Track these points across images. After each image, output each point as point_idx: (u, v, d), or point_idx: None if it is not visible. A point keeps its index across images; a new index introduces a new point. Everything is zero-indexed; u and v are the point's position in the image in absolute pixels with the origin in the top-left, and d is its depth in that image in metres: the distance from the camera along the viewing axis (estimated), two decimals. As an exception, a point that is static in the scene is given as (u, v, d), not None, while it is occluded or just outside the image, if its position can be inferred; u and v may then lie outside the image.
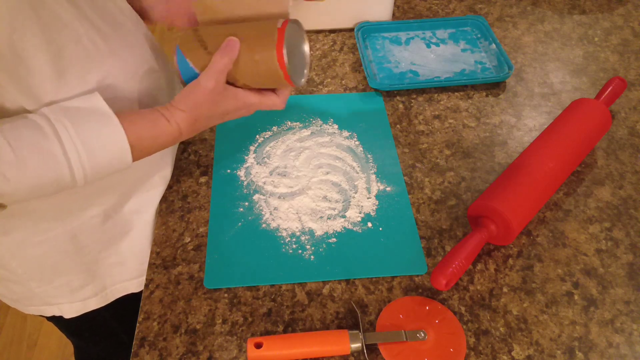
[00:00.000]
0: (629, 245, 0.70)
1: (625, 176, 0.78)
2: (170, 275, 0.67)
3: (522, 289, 0.65)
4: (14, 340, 1.57)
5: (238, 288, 0.65)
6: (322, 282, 0.66)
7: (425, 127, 0.84)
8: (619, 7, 1.08)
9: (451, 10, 1.07)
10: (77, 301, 0.75)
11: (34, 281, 0.71)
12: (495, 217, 0.65)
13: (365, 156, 0.79)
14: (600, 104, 0.78)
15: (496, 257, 0.68)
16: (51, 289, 0.73)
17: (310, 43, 0.99)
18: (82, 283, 0.73)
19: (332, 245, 0.69)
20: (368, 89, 0.90)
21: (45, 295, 0.74)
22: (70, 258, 0.70)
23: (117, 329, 0.88)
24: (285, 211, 0.72)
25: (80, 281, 0.73)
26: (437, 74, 0.93)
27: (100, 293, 0.76)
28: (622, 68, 0.95)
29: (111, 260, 0.74)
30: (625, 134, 0.83)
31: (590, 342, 0.61)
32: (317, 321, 0.62)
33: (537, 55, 0.97)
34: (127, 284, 0.78)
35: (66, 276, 0.72)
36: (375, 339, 0.59)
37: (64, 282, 0.72)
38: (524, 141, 0.82)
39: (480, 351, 0.60)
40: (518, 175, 0.69)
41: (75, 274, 0.72)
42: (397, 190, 0.75)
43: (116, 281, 0.76)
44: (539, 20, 1.05)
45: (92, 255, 0.72)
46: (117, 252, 0.74)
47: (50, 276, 0.71)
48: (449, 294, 0.65)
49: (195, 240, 0.70)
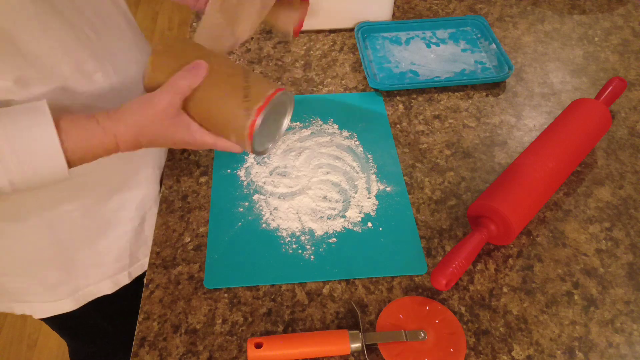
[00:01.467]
0: (629, 245, 0.70)
1: (625, 176, 0.78)
2: (170, 275, 0.67)
3: (522, 289, 0.65)
4: (14, 340, 1.57)
5: (238, 288, 0.65)
6: (322, 282, 0.66)
7: (425, 127, 0.84)
8: (619, 7, 1.08)
9: (451, 10, 1.07)
10: (49, 301, 0.74)
11: (7, 276, 0.69)
12: (495, 217, 0.65)
13: (365, 156, 0.79)
14: (600, 104, 0.78)
15: (496, 257, 0.68)
16: (24, 285, 0.71)
17: (310, 43, 0.99)
18: (56, 281, 0.72)
19: (332, 245, 0.69)
20: (368, 89, 0.90)
21: (16, 292, 0.72)
22: (46, 252, 0.68)
23: (109, 329, 0.87)
24: (285, 211, 0.72)
25: (55, 279, 0.71)
26: (437, 74, 0.93)
27: (74, 294, 0.75)
28: (622, 68, 0.95)
29: (88, 261, 0.73)
30: (625, 134, 0.83)
31: (590, 342, 0.61)
32: (317, 321, 0.62)
33: (537, 55, 0.97)
34: (101, 285, 0.76)
35: (41, 271, 0.70)
36: (375, 339, 0.59)
37: (38, 277, 0.70)
38: (524, 141, 0.82)
39: (480, 351, 0.60)
40: (518, 175, 0.69)
41: (50, 269, 0.70)
42: (397, 190, 0.75)
43: (90, 282, 0.75)
44: (539, 20, 1.05)
45: (69, 253, 0.70)
46: (95, 252, 0.72)
47: (23, 270, 0.69)
48: (449, 294, 0.65)
49: (195, 240, 0.70)
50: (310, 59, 0.96)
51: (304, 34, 1.01)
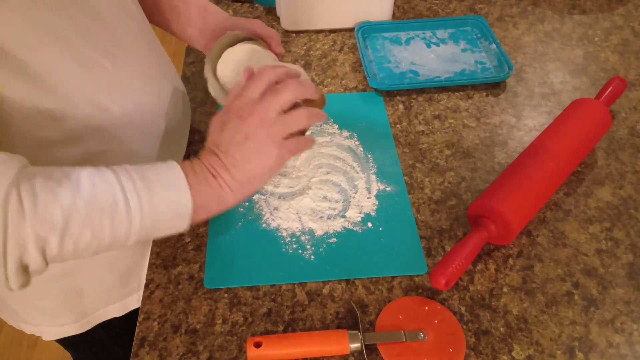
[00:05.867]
0: (629, 245, 0.70)
1: (626, 176, 0.77)
2: (170, 275, 0.67)
3: (522, 289, 0.65)
4: (14, 340, 1.57)
5: (238, 288, 0.65)
6: (322, 282, 0.66)
7: (425, 127, 0.84)
8: (619, 7, 1.08)
9: (451, 10, 1.07)
10: (55, 325, 0.74)
11: (14, 302, 0.70)
12: (495, 217, 0.65)
13: (365, 156, 0.79)
14: (600, 104, 0.78)
15: (496, 257, 0.68)
16: (30, 310, 0.71)
17: (310, 43, 0.99)
18: (62, 310, 0.72)
19: (332, 245, 0.69)
20: (368, 89, 0.90)
21: (24, 315, 0.72)
22: (53, 284, 0.68)
23: (116, 349, 0.87)
24: (285, 211, 0.72)
25: (60, 308, 0.71)
26: (437, 74, 0.93)
27: (81, 320, 0.75)
28: (622, 68, 0.95)
29: (95, 289, 0.72)
30: (625, 134, 0.83)
31: (591, 342, 0.61)
32: (317, 321, 0.62)
33: (537, 55, 0.97)
34: (109, 309, 0.76)
35: (46, 301, 0.70)
36: (375, 339, 0.59)
37: (44, 306, 0.70)
38: (524, 141, 0.82)
39: (480, 351, 0.60)
40: (518, 175, 0.69)
41: (55, 300, 0.70)
42: (397, 190, 0.75)
43: (98, 307, 0.75)
44: (539, 20, 1.05)
45: (75, 285, 0.70)
46: (101, 281, 0.72)
47: (30, 299, 0.69)
48: (449, 294, 0.65)
49: (195, 240, 0.70)
50: (310, 59, 0.96)
51: (304, 33, 1.01)
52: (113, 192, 0.46)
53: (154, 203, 0.49)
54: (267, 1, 1.03)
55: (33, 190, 0.42)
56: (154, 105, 0.67)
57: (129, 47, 0.62)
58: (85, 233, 0.45)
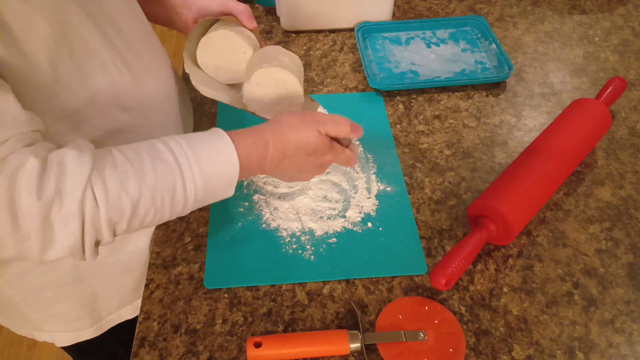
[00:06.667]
0: (629, 245, 0.70)
1: (625, 176, 0.77)
2: (170, 275, 0.67)
3: (522, 289, 0.65)
4: (14, 340, 1.57)
5: (238, 288, 0.65)
6: (322, 282, 0.66)
7: (425, 127, 0.84)
8: (619, 7, 1.08)
9: (451, 10, 1.07)
10: (70, 331, 0.74)
11: (30, 309, 0.70)
12: (495, 217, 0.65)
13: (365, 156, 0.79)
14: (600, 104, 0.78)
15: (496, 257, 0.68)
16: (46, 318, 0.72)
17: (310, 43, 0.99)
18: (78, 315, 0.72)
19: (332, 245, 0.69)
20: (368, 89, 0.90)
21: (39, 322, 0.73)
22: (70, 289, 0.69)
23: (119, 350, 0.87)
24: (285, 211, 0.72)
25: (77, 313, 0.72)
26: (437, 74, 0.93)
27: (96, 324, 0.75)
28: (622, 68, 0.95)
29: (109, 293, 0.73)
30: (625, 134, 0.83)
31: (591, 342, 0.61)
32: (317, 321, 0.62)
33: (537, 55, 0.97)
34: (122, 312, 0.77)
35: (63, 307, 0.71)
36: (375, 339, 0.59)
37: (61, 312, 0.71)
38: (524, 141, 0.82)
39: (480, 351, 0.60)
40: (518, 175, 0.69)
41: (72, 305, 0.71)
42: (397, 190, 0.75)
43: (112, 311, 0.76)
44: (539, 20, 1.05)
45: (92, 289, 0.71)
46: (116, 285, 0.73)
47: (47, 306, 0.70)
48: (449, 294, 0.65)
49: (195, 240, 0.70)
50: (310, 59, 0.96)
51: (304, 34, 1.01)
52: (173, 176, 0.52)
53: (206, 175, 0.54)
54: (267, 1, 1.03)
55: (104, 185, 0.48)
56: (157, 104, 0.67)
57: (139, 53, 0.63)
58: (150, 213, 0.52)
